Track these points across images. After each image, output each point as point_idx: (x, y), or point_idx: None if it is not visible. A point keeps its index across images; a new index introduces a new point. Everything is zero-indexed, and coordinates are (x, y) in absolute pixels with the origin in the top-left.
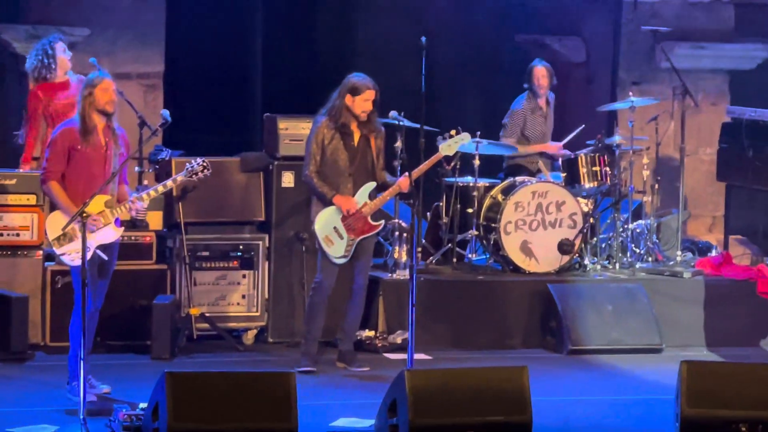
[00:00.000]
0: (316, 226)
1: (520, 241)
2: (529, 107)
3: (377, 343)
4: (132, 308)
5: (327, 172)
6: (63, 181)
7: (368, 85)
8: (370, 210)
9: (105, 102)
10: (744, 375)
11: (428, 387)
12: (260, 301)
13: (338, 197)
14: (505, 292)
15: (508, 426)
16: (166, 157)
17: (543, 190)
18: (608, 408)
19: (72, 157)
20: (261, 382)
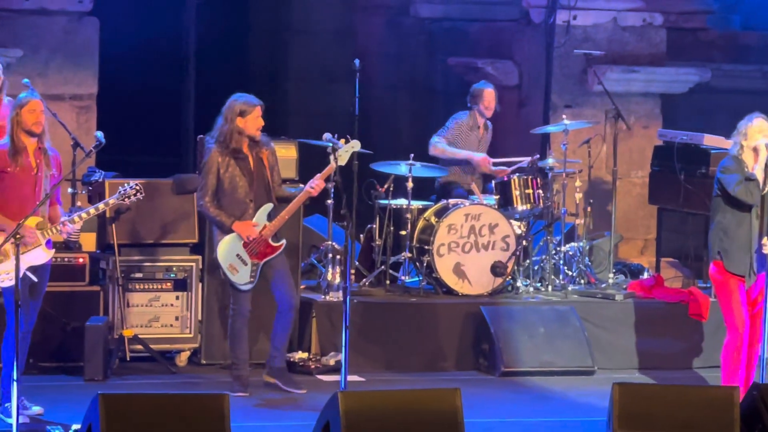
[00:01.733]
0: (219, 256)
1: (453, 263)
2: (468, 123)
3: (310, 364)
4: (64, 329)
5: (226, 200)
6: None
7: (254, 103)
8: (270, 232)
9: (32, 123)
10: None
11: (362, 409)
12: (193, 322)
13: (237, 224)
14: (438, 315)
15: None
16: (100, 179)
17: (476, 213)
18: (541, 430)
19: (2, 178)
20: (194, 404)
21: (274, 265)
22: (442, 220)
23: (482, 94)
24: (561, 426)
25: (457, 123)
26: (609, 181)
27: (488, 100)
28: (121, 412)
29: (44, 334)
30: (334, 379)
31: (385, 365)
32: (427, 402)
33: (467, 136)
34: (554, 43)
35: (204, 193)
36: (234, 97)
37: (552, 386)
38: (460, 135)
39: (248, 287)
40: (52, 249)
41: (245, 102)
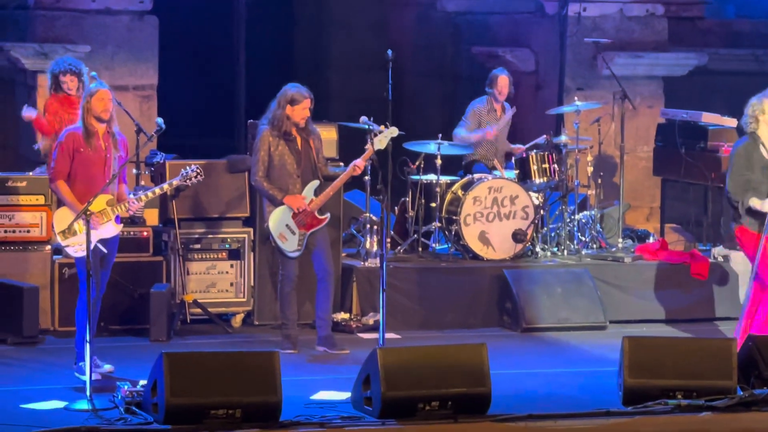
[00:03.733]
0: (270, 225)
1: (479, 231)
2: (485, 108)
3: (352, 324)
4: (132, 296)
5: (276, 175)
6: (68, 180)
7: (305, 95)
8: (317, 205)
9: (101, 110)
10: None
11: (398, 363)
12: (246, 288)
13: (288, 197)
14: (466, 277)
15: (469, 396)
16: (161, 161)
17: (498, 186)
18: (559, 379)
19: (76, 158)
20: (248, 360)
21: (318, 236)
22: (468, 192)
23: (495, 80)
24: (577, 376)
25: (474, 110)
26: (617, 156)
27: (500, 86)
28: (183, 368)
29: (114, 300)
30: (373, 336)
31: (419, 324)
32: (457, 356)
33: (485, 119)
34: (567, 33)
35: (257, 170)
36: (289, 86)
37: (568, 340)
38: (479, 120)
39: (296, 254)
40: (120, 224)
41: (297, 92)
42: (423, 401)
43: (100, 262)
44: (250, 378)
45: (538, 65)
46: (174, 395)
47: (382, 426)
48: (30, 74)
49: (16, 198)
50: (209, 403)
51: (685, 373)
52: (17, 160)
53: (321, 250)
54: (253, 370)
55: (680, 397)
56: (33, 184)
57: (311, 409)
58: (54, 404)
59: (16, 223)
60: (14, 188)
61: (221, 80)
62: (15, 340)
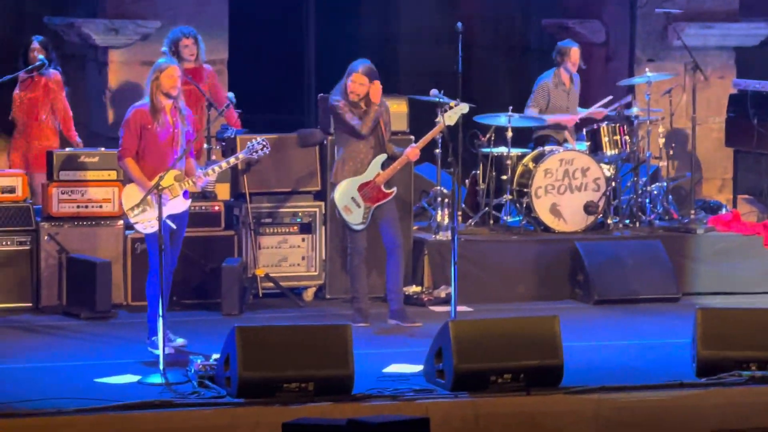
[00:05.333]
0: (336, 197)
1: (550, 204)
2: (553, 82)
3: (423, 297)
4: (203, 270)
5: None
6: (136, 157)
7: (356, 70)
8: (383, 179)
9: (169, 86)
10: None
11: (470, 335)
12: (318, 261)
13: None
14: (538, 250)
15: (542, 369)
16: (231, 135)
17: (569, 158)
18: (631, 351)
19: (144, 135)
20: (320, 334)
21: (384, 210)
22: (539, 165)
23: (569, 52)
24: (649, 348)
25: (541, 86)
26: (689, 127)
27: (574, 57)
28: (255, 342)
29: (185, 274)
30: (444, 309)
31: (491, 296)
32: (529, 328)
33: (555, 94)
34: (637, 3)
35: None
36: (354, 63)
37: (641, 312)
38: (547, 96)
39: (361, 227)
40: (188, 199)
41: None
42: (495, 374)
43: (170, 238)
44: (322, 351)
45: (608, 37)
46: (247, 369)
47: (455, 398)
48: (101, 50)
49: (87, 173)
50: (282, 376)
51: (759, 345)
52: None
53: (389, 223)
54: (325, 344)
55: (754, 369)
56: (104, 160)
57: (383, 382)
58: (128, 378)
59: (89, 198)
60: (86, 164)
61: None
62: (88, 315)
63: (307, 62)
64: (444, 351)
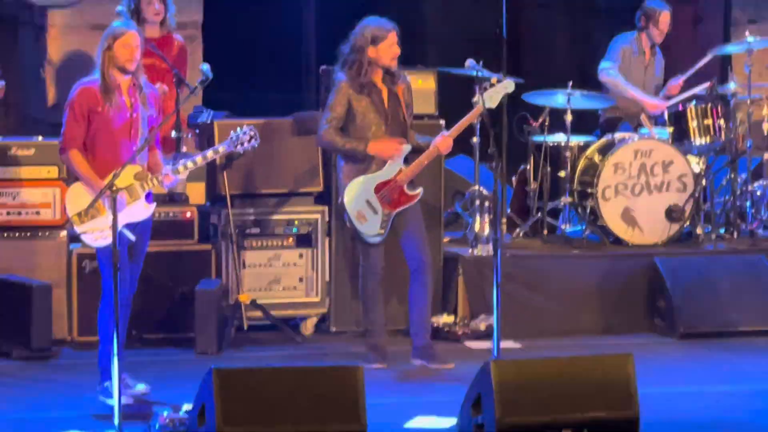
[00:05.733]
0: (346, 200)
1: (622, 208)
2: (631, 49)
3: (457, 330)
4: (171, 296)
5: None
6: (84, 149)
7: (389, 28)
8: (407, 177)
9: (125, 58)
10: None
11: (518, 380)
12: (320, 284)
13: (373, 144)
14: (605, 268)
15: (611, 423)
16: (207, 120)
17: (647, 149)
18: (729, 400)
19: (93, 120)
20: (323, 377)
21: (408, 217)
22: (607, 158)
23: (658, 16)
24: (753, 397)
25: (622, 48)
26: None
27: (663, 24)
28: (238, 389)
29: (147, 301)
30: (484, 345)
31: (544, 329)
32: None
33: (629, 63)
34: None
35: (328, 124)
36: (365, 22)
37: (740, 349)
38: (624, 62)
39: (377, 239)
40: (152, 204)
41: (378, 27)
42: (551, 429)
43: (128, 253)
44: (326, 401)
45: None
46: (227, 423)
47: None
48: (38, 11)
49: (21, 170)
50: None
51: None
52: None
53: (413, 235)
54: (330, 392)
55: None
56: (43, 153)
57: None
58: None
59: (22, 202)
60: (19, 158)
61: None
62: (22, 354)
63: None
64: (484, 400)
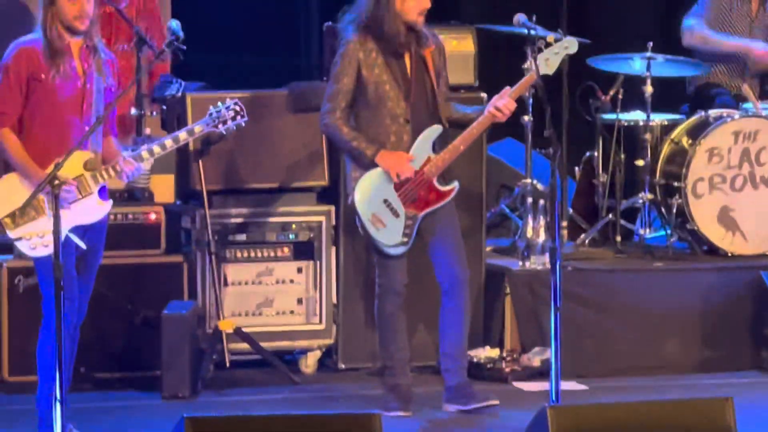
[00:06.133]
0: (358, 201)
1: (719, 207)
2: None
3: (504, 367)
4: (131, 322)
5: (368, 118)
6: (20, 128)
7: None
8: (437, 169)
9: (73, 15)
10: None
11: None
12: (325, 307)
13: (384, 154)
14: (697, 286)
15: None
16: (177, 93)
17: (751, 130)
18: None
19: (34, 91)
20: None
21: (439, 220)
22: (699, 142)
23: None
24: None
25: None
26: None
27: None
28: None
29: (100, 329)
30: (539, 387)
31: (617, 365)
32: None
33: (728, 14)
34: None
35: (334, 104)
36: None
37: None
38: (720, 14)
39: (400, 250)
40: (108, 201)
41: None
42: None
43: (77, 266)
44: None
45: None
46: None
47: None
48: None
49: None
50: None
51: None
52: None
53: (445, 243)
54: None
55: None
56: None
57: None
58: None
59: None
60: None
61: None
62: None
63: None
64: None
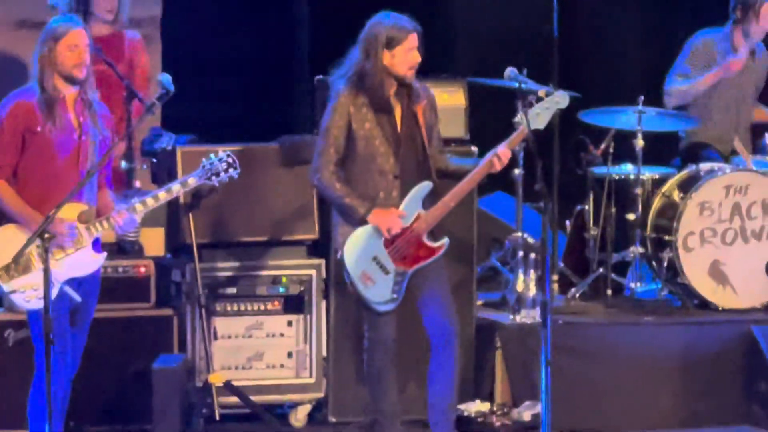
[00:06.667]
0: (347, 258)
1: (710, 261)
2: (720, 46)
3: (494, 421)
4: (122, 376)
5: (358, 171)
6: (17, 180)
7: (409, 28)
8: (427, 225)
9: (73, 64)
10: None
11: None
12: (315, 361)
13: (376, 212)
14: (688, 340)
15: None
16: (168, 146)
17: (742, 184)
18: None
19: (30, 143)
20: None
21: (428, 274)
22: (690, 196)
23: (760, 5)
24: None
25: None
26: None
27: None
28: None
29: (91, 382)
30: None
31: (608, 419)
32: None
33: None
34: None
35: (325, 159)
36: (378, 18)
37: None
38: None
39: (390, 307)
40: (102, 253)
41: (394, 26)
42: None
43: (70, 319)
44: None
45: None
46: None
47: None
48: None
49: None
50: None
51: None
52: None
53: (435, 297)
54: None
55: None
56: None
57: None
58: None
59: None
60: None
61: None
62: None
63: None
64: None
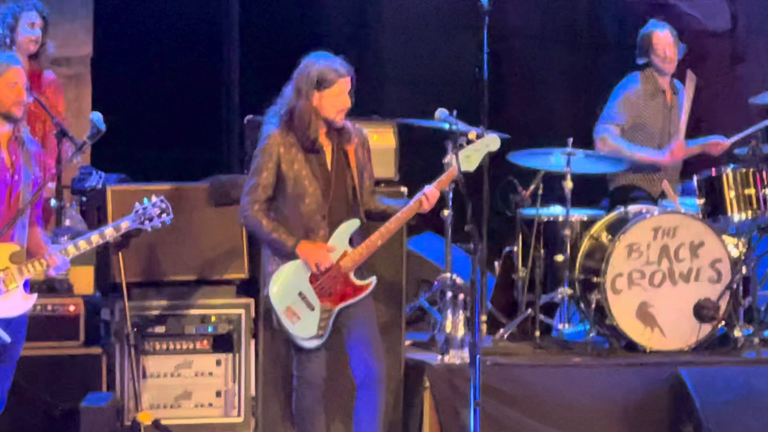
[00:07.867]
0: (273, 293)
1: (637, 303)
2: (644, 90)
3: None
4: (49, 414)
5: (287, 211)
6: None
7: (341, 71)
8: (353, 263)
9: (11, 102)
10: None
11: None
12: (244, 400)
13: (304, 246)
14: (616, 382)
15: None
16: (98, 185)
17: (670, 226)
18: None
19: None
20: None
21: (355, 313)
22: (618, 238)
23: (650, 38)
24: None
25: (626, 97)
26: None
27: (661, 47)
28: None
29: (19, 420)
30: None
31: None
32: None
33: (644, 112)
34: None
35: (254, 197)
36: (312, 59)
37: None
38: (635, 116)
39: (314, 343)
40: (32, 294)
41: (327, 67)
42: None
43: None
44: None
45: (735, 22)
46: None
47: None
48: None
49: None
50: None
51: None
52: None
53: (361, 337)
54: None
55: None
56: None
57: None
58: None
59: None
60: None
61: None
62: None
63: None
64: None
